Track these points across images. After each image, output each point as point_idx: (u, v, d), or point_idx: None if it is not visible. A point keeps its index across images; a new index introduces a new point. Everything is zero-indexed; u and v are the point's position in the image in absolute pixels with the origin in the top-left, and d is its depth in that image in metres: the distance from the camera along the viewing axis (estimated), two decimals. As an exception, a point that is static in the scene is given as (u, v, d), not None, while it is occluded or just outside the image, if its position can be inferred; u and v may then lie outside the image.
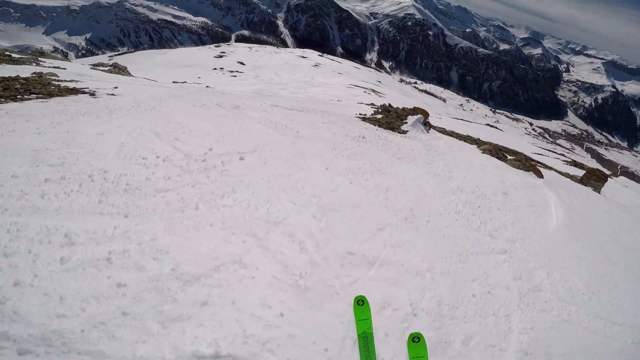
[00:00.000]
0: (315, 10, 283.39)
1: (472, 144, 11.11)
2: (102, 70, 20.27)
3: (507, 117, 66.74)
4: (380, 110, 12.17)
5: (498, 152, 9.83)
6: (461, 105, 78.08)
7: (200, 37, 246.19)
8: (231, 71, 32.22)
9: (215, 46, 47.07)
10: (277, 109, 8.75)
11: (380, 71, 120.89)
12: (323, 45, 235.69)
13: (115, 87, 7.96)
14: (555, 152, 32.59)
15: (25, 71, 11.14)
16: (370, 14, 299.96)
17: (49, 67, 15.51)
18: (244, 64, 35.41)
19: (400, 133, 9.03)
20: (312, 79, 29.81)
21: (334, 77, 33.75)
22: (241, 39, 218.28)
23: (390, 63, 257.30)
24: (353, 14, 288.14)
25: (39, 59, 20.65)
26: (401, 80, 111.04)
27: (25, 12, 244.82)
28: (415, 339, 2.75)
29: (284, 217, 3.75)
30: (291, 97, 16.23)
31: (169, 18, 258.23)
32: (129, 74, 22.61)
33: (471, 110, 70.47)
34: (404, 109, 11.59)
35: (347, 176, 5.16)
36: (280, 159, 5.21)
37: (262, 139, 5.84)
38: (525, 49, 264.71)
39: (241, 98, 9.95)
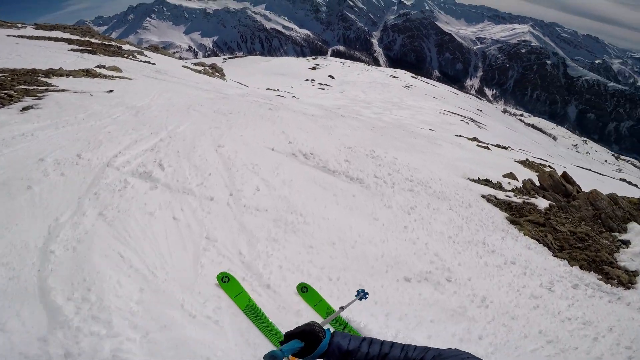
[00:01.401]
0: (413, 32, 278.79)
1: None
2: (192, 70, 20.51)
3: (634, 165, 55.72)
4: (533, 185, 6.52)
5: None
6: (575, 145, 67.64)
7: (302, 49, 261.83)
8: (320, 84, 32.57)
9: (312, 58, 48.66)
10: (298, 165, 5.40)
11: (481, 99, 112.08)
12: (418, 67, 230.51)
13: (110, 91, 7.52)
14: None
15: (107, 62, 12.01)
16: (476, 38, 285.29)
17: (140, 61, 16.79)
18: (333, 78, 35.58)
19: (622, 286, 3.74)
20: (401, 100, 28.33)
21: (426, 100, 31.72)
22: (336, 54, 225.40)
23: (494, 91, 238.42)
24: (456, 37, 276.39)
25: (145, 52, 21.93)
26: (504, 111, 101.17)
27: (174, 12, 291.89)
28: (304, 289, 2.74)
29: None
30: (371, 119, 15.16)
31: (280, 28, 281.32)
32: (222, 76, 23.37)
33: (587, 153, 60.52)
34: (617, 200, 5.65)
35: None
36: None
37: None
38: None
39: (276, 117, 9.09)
